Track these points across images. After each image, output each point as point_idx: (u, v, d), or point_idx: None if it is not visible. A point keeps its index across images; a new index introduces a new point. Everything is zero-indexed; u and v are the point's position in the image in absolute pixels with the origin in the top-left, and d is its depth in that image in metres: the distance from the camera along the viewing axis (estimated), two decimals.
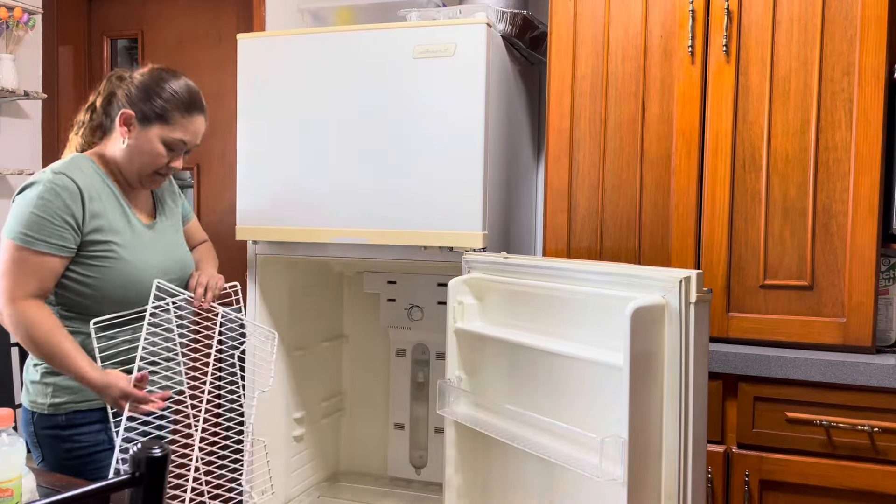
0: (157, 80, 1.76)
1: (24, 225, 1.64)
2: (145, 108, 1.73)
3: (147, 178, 1.80)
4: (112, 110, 1.78)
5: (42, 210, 1.64)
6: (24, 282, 1.63)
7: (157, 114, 1.74)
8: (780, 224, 1.99)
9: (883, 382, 1.81)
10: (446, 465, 1.99)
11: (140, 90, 1.74)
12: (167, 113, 1.74)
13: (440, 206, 2.14)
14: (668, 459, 1.53)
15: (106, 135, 1.80)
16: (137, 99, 1.74)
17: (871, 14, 1.90)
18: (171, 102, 1.75)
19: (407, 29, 2.19)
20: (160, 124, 1.74)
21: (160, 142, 1.75)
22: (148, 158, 1.76)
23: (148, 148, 1.75)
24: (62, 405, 1.73)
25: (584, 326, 1.71)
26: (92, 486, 0.89)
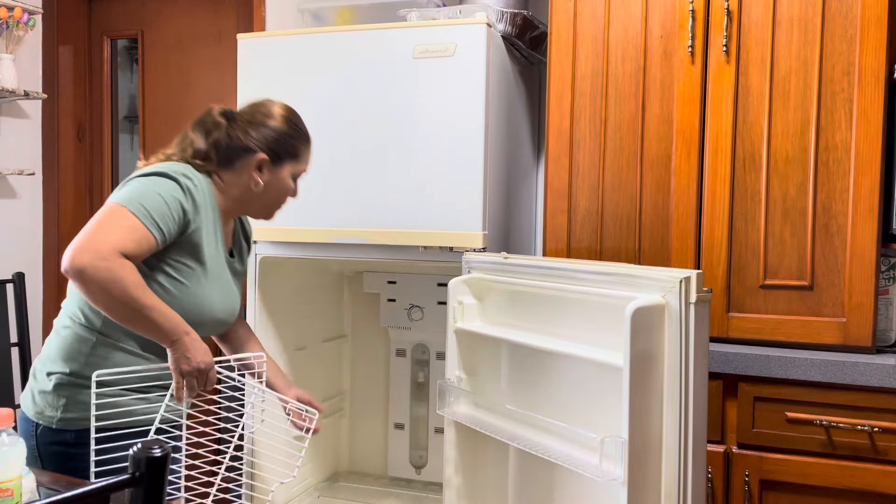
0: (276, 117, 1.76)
1: (143, 198, 1.57)
2: (277, 149, 1.73)
3: (272, 213, 1.82)
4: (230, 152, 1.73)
5: (166, 194, 1.59)
6: (124, 242, 1.53)
7: (289, 153, 1.75)
8: (780, 224, 1.99)
9: (883, 382, 1.81)
10: (446, 465, 1.99)
11: (265, 131, 1.73)
12: (297, 150, 1.77)
13: (440, 206, 2.14)
14: (668, 459, 1.53)
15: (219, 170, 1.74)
16: (269, 143, 1.73)
17: (871, 14, 1.90)
18: (299, 140, 1.78)
19: (407, 29, 2.19)
20: (291, 161, 1.76)
21: (290, 177, 1.78)
22: (280, 195, 1.79)
23: (281, 185, 1.76)
24: (74, 421, 1.62)
25: (584, 326, 1.71)
26: (92, 486, 0.89)
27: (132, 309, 1.52)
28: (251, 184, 1.72)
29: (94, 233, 1.53)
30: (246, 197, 1.75)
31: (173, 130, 3.31)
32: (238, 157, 1.72)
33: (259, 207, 1.79)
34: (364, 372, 2.81)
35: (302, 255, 2.32)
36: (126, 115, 3.48)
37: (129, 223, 1.54)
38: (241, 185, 1.73)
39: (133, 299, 1.51)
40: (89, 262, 1.48)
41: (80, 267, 1.48)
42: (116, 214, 1.56)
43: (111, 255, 1.49)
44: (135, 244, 1.54)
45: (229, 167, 1.72)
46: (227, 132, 1.72)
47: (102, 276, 1.48)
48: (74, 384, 1.64)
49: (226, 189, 1.73)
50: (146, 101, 3.26)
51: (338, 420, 2.81)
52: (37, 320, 3.10)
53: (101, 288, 1.49)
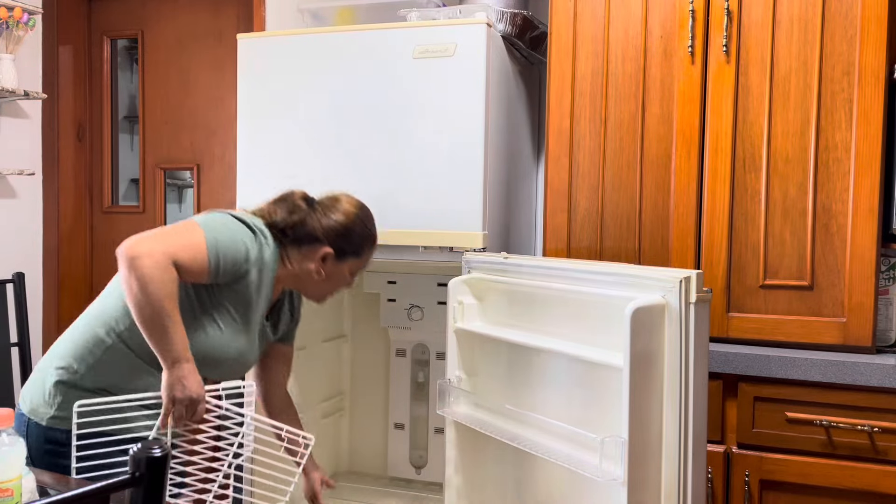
0: (354, 219, 1.83)
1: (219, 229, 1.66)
2: (344, 246, 1.81)
3: (323, 299, 1.90)
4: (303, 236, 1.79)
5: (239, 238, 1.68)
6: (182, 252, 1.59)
7: (354, 251, 1.84)
8: (780, 224, 1.99)
9: (883, 382, 1.81)
10: (446, 465, 1.99)
11: (340, 230, 1.81)
12: (362, 250, 1.86)
13: (440, 206, 2.14)
14: (668, 459, 1.53)
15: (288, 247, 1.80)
16: (337, 237, 1.81)
17: (871, 14, 1.90)
18: (366, 241, 1.86)
19: (407, 29, 2.19)
20: (353, 258, 1.85)
21: (349, 272, 1.86)
22: (336, 287, 1.88)
23: (339, 279, 1.85)
24: (66, 420, 1.62)
25: (584, 326, 1.71)
26: (92, 487, 0.89)
27: (157, 313, 1.57)
28: (313, 272, 1.80)
29: (160, 233, 1.63)
30: (304, 279, 1.82)
31: (173, 130, 3.34)
32: (307, 243, 1.79)
33: (313, 292, 1.87)
34: (364, 372, 2.81)
35: None
36: (126, 115, 3.48)
37: (195, 239, 1.62)
38: (303, 267, 1.80)
39: (162, 305, 1.56)
40: (144, 253, 1.55)
41: (134, 255, 1.55)
42: (189, 228, 1.65)
43: (164, 257, 1.57)
44: (189, 259, 1.61)
45: (297, 248, 1.80)
46: (305, 217, 1.80)
47: (147, 271, 1.55)
48: (76, 384, 1.66)
49: (287, 263, 1.80)
50: (146, 101, 3.27)
51: (338, 420, 2.80)
52: (36, 320, 3.10)
53: (141, 282, 1.55)
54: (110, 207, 3.37)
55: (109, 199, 3.37)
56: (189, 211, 3.27)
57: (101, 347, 1.67)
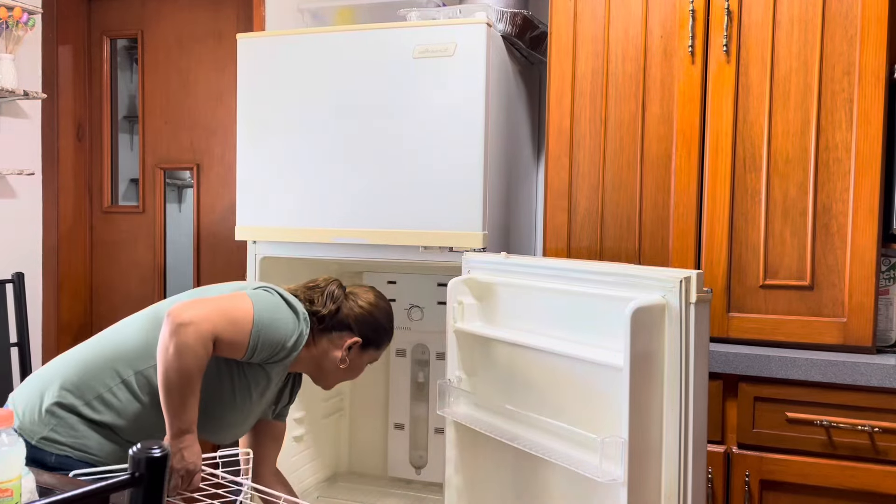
0: (383, 312, 1.89)
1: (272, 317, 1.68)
2: (370, 337, 1.86)
3: (334, 385, 1.93)
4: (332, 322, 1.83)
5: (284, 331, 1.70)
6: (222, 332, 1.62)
7: (376, 343, 1.89)
8: (780, 224, 1.99)
9: (883, 382, 1.81)
10: (446, 465, 1.99)
11: (370, 321, 1.86)
12: (382, 342, 1.91)
13: (440, 206, 2.13)
14: (668, 460, 1.52)
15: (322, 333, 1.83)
16: (366, 327, 1.85)
17: (871, 14, 1.90)
18: (387, 335, 1.92)
19: (407, 29, 2.19)
20: (374, 349, 1.90)
21: (367, 362, 1.92)
22: (352, 375, 1.92)
23: (357, 366, 1.91)
24: (56, 444, 1.63)
25: (584, 326, 1.71)
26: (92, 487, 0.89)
27: (183, 383, 1.59)
28: (339, 360, 1.84)
29: (215, 306, 1.64)
30: (324, 365, 1.85)
31: (173, 130, 3.33)
32: (337, 331, 1.83)
33: (327, 378, 1.90)
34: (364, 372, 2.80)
35: (302, 255, 2.32)
36: (126, 114, 3.48)
37: (242, 323, 1.65)
38: (327, 354, 1.84)
39: (190, 377, 1.59)
40: (191, 321, 1.58)
41: (182, 321, 1.58)
42: (243, 309, 1.66)
43: (208, 332, 1.60)
44: (230, 338, 1.64)
45: (328, 334, 1.83)
46: (340, 305, 1.84)
47: (189, 339, 1.58)
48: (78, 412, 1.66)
49: (312, 349, 1.82)
50: (146, 101, 3.26)
51: (338, 420, 2.80)
52: (36, 320, 3.10)
53: (179, 349, 1.58)
54: (110, 207, 3.36)
55: (109, 199, 3.37)
56: (189, 211, 3.26)
57: (115, 381, 1.68)
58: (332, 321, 1.83)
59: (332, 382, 1.91)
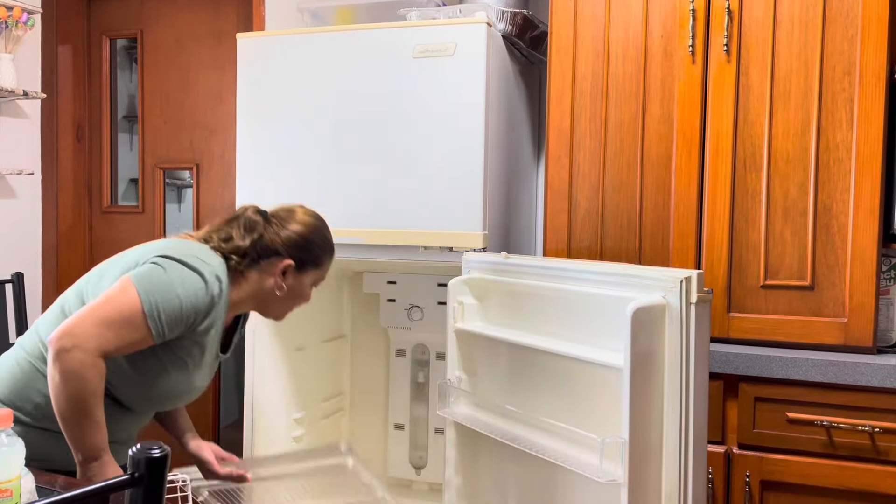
0: (311, 227, 1.78)
1: (163, 298, 1.55)
2: (305, 256, 1.75)
3: (283, 315, 1.84)
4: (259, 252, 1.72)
5: (186, 300, 1.57)
6: (112, 341, 1.52)
7: (314, 261, 1.78)
8: (780, 224, 1.99)
9: (884, 383, 1.81)
10: (446, 465, 1.99)
11: (298, 239, 1.75)
12: (322, 260, 1.80)
13: (440, 206, 2.13)
14: (668, 460, 1.52)
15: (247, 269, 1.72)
16: (296, 248, 1.74)
17: (871, 14, 1.90)
18: (325, 251, 1.80)
19: (407, 28, 2.18)
20: (313, 269, 1.79)
21: (310, 285, 1.81)
22: (297, 301, 1.81)
23: (300, 292, 1.79)
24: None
25: (585, 326, 1.71)
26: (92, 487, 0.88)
27: (72, 409, 1.50)
28: (275, 287, 1.74)
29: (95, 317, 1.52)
30: (263, 297, 1.75)
31: (173, 130, 3.33)
32: (266, 258, 1.72)
33: (273, 309, 1.81)
34: (364, 372, 2.81)
35: None
36: (125, 114, 3.48)
37: (132, 321, 1.53)
38: (262, 285, 1.73)
39: (80, 402, 1.50)
40: (72, 346, 1.48)
41: (61, 347, 1.49)
42: (128, 305, 1.53)
43: (93, 351, 1.50)
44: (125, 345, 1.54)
45: (256, 266, 1.72)
46: (262, 232, 1.73)
47: (72, 367, 1.48)
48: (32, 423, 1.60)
49: (242, 286, 1.72)
50: (145, 101, 3.26)
51: (338, 420, 2.80)
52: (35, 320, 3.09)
53: (64, 376, 1.49)
54: (109, 207, 3.36)
55: (108, 199, 3.37)
56: (188, 211, 3.26)
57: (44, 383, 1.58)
58: (256, 251, 1.71)
59: (279, 312, 1.82)
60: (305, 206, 1.82)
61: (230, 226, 1.74)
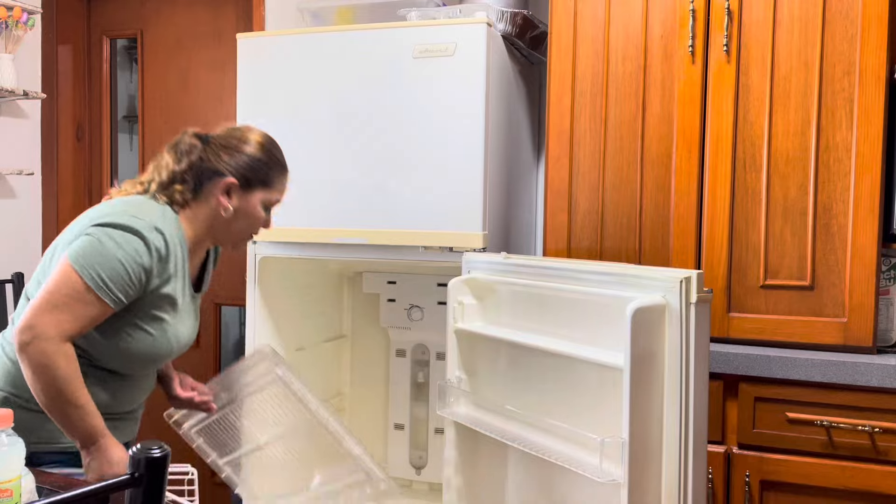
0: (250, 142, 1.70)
1: (103, 268, 1.51)
2: (248, 175, 1.67)
3: (241, 242, 1.77)
4: (201, 175, 1.67)
5: (129, 262, 1.53)
6: (71, 323, 1.50)
7: (261, 179, 1.69)
8: (780, 224, 1.99)
9: (884, 383, 1.81)
10: (446, 465, 1.99)
11: (237, 155, 1.68)
12: (269, 178, 1.70)
13: (440, 206, 2.13)
14: (668, 460, 1.52)
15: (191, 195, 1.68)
16: (238, 166, 1.66)
17: (871, 14, 1.90)
18: (273, 168, 1.71)
19: (407, 28, 2.18)
20: (262, 189, 1.70)
21: (262, 206, 1.71)
22: (249, 223, 1.72)
23: (250, 213, 1.70)
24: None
25: (585, 326, 1.71)
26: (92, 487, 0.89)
27: (54, 399, 1.50)
28: (220, 209, 1.66)
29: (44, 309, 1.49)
30: (215, 224, 1.69)
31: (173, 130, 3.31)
32: (208, 181, 1.66)
33: (227, 236, 1.73)
34: (364, 372, 2.81)
35: (302, 255, 2.32)
36: (125, 114, 3.48)
37: (82, 298, 1.50)
38: (209, 211, 1.67)
39: (58, 389, 1.49)
40: (29, 338, 1.47)
41: (20, 343, 1.48)
42: (71, 285, 1.50)
43: (56, 336, 1.48)
44: (86, 321, 1.52)
45: (199, 192, 1.67)
46: (200, 155, 1.67)
47: (38, 359, 1.47)
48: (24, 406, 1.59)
49: (195, 219, 1.67)
50: (145, 101, 3.26)
51: None
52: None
53: (33, 368, 1.48)
54: None
55: None
56: None
57: None
58: (198, 176, 1.65)
59: (234, 239, 1.74)
60: (252, 126, 1.75)
61: (168, 155, 1.68)
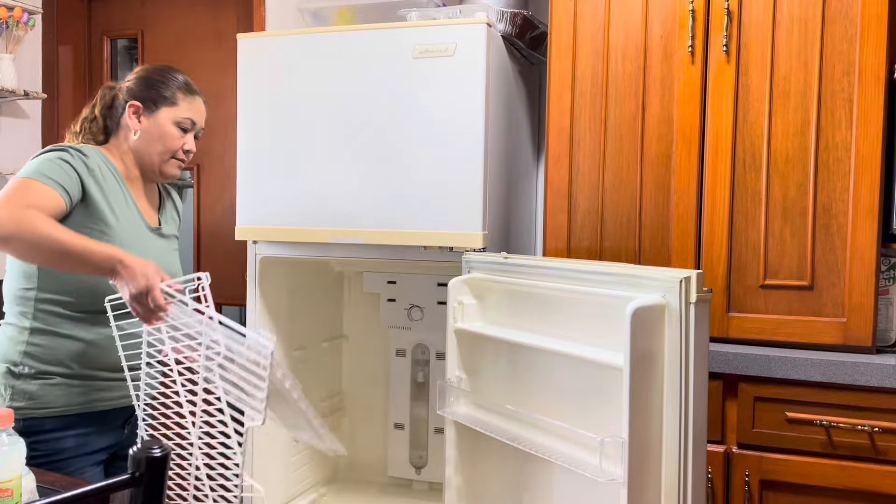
0: (153, 69, 1.89)
1: (41, 168, 1.67)
2: (150, 95, 1.83)
3: (167, 165, 1.87)
4: (115, 113, 1.87)
5: (60, 161, 1.69)
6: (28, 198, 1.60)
7: (163, 96, 1.84)
8: (780, 224, 1.99)
9: (883, 382, 1.81)
10: (446, 465, 1.99)
11: (139, 81, 1.86)
12: (171, 94, 1.85)
13: (440, 206, 2.13)
14: (668, 459, 1.52)
15: (111, 135, 1.88)
16: (139, 90, 1.84)
17: (871, 13, 1.90)
18: (171, 85, 1.86)
19: (407, 29, 2.19)
20: (167, 107, 1.84)
21: (172, 124, 1.84)
22: (164, 142, 1.84)
23: (161, 132, 1.84)
24: (19, 409, 1.67)
25: (585, 326, 1.71)
26: (92, 487, 0.89)
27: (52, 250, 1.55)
28: (131, 133, 1.82)
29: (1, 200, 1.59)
30: (136, 150, 1.83)
31: None
32: (120, 114, 1.85)
33: (150, 160, 1.84)
34: (364, 372, 2.81)
35: (302, 255, 2.32)
36: None
37: (35, 188, 1.62)
38: (127, 140, 1.84)
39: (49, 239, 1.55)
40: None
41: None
42: (21, 185, 1.64)
43: (18, 209, 1.56)
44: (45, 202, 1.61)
45: (118, 127, 1.85)
46: (113, 96, 1.87)
47: (11, 228, 1.54)
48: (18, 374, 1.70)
49: (117, 150, 1.84)
50: None
51: (338, 420, 2.80)
52: None
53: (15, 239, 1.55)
54: None
55: None
56: (189, 212, 3.26)
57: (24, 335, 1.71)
58: (112, 112, 1.86)
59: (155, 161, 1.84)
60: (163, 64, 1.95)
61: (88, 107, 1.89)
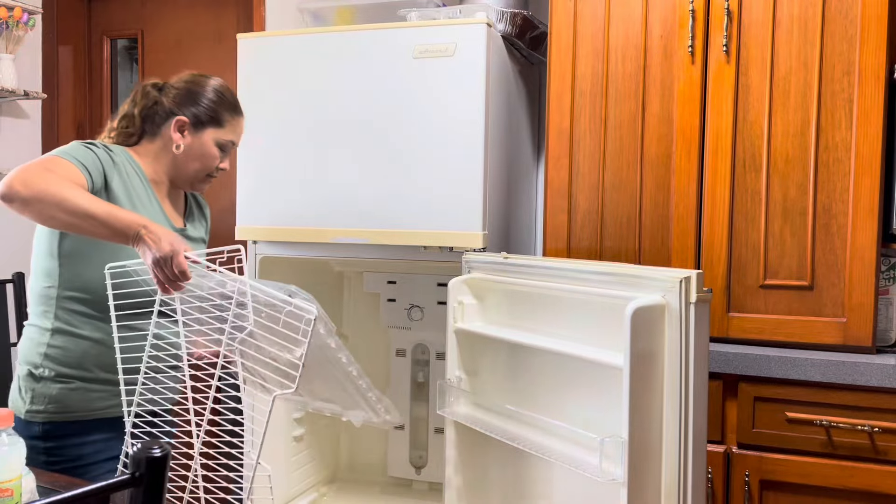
0: (203, 85, 1.82)
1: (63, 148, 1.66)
2: (198, 112, 1.79)
3: (199, 182, 1.86)
4: (156, 118, 1.81)
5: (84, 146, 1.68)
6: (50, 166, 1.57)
7: (211, 117, 1.80)
8: (780, 224, 1.99)
9: (883, 382, 1.81)
10: (446, 465, 1.99)
11: (188, 95, 1.80)
12: (219, 116, 1.82)
13: (440, 206, 2.13)
14: (668, 459, 1.53)
15: (144, 138, 1.82)
16: (188, 104, 1.79)
17: (871, 14, 1.90)
18: (222, 105, 1.82)
19: (407, 29, 2.19)
20: (214, 128, 1.81)
21: (214, 144, 1.82)
22: (203, 161, 1.82)
23: (203, 151, 1.81)
24: (39, 413, 1.68)
25: (584, 326, 1.71)
26: (92, 487, 0.89)
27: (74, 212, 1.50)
28: (172, 146, 1.78)
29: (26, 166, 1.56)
30: (170, 162, 1.80)
31: None
32: (163, 123, 1.79)
33: (184, 174, 1.82)
34: (364, 372, 2.80)
35: (302, 255, 2.32)
36: None
37: (59, 162, 1.60)
38: (162, 148, 1.80)
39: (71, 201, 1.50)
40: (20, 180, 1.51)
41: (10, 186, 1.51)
42: (45, 158, 1.62)
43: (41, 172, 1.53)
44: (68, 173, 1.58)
45: (156, 134, 1.80)
46: (156, 100, 1.80)
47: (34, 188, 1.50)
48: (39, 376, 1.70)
49: (147, 154, 1.80)
50: None
51: (338, 420, 2.80)
52: None
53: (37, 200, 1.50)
54: None
55: None
56: None
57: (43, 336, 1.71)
58: (152, 118, 1.80)
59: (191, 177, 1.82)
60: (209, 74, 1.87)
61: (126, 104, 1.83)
